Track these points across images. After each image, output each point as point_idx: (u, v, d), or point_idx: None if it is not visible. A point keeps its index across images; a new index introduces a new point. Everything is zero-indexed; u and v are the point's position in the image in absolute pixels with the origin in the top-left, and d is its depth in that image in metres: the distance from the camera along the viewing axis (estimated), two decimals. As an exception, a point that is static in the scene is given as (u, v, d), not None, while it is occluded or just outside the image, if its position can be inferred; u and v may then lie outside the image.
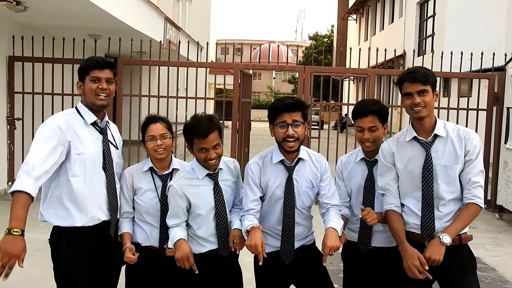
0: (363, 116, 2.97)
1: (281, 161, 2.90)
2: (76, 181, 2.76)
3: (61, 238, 2.79)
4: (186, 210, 2.86)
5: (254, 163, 2.94)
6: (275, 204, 2.91)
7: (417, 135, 2.80)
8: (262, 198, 2.93)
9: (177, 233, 2.81)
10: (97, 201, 2.82)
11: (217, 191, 2.88)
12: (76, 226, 2.76)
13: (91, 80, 2.81)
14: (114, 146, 2.98)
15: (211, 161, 2.80)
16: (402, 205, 2.88)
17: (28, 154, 2.63)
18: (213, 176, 2.89)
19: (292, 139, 2.79)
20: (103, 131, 2.91)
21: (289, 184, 2.88)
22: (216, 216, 2.88)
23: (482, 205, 2.74)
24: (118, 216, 2.95)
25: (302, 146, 2.94)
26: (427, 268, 2.65)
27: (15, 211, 2.43)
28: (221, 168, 2.93)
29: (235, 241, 2.83)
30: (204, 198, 2.86)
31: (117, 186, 2.97)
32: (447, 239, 2.63)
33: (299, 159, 2.92)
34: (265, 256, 2.65)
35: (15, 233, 2.40)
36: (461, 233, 2.73)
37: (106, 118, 2.98)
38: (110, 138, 2.97)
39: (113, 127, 3.10)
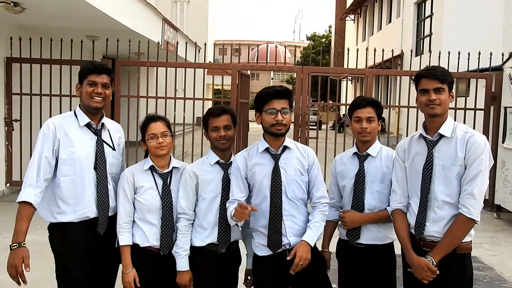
0: (362, 107, 3.05)
1: (267, 149, 2.93)
2: (65, 180, 2.92)
3: (54, 232, 2.96)
4: (195, 192, 2.99)
5: (239, 155, 3.01)
6: (265, 196, 2.90)
7: (424, 133, 2.81)
8: (249, 195, 2.96)
9: (181, 261, 2.94)
10: (86, 200, 2.94)
11: (225, 181, 3.00)
12: (64, 222, 2.91)
13: (88, 84, 2.97)
14: (110, 146, 3.07)
15: (221, 140, 2.98)
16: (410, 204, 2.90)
17: (30, 162, 2.89)
18: (224, 166, 3.02)
19: (280, 125, 2.86)
20: (97, 132, 3.02)
21: (276, 172, 2.90)
22: (221, 205, 2.97)
23: (472, 216, 2.61)
24: (109, 214, 3.02)
25: (288, 138, 2.99)
26: (437, 272, 2.67)
27: (16, 225, 2.78)
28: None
29: (249, 278, 3.14)
30: (211, 183, 2.99)
31: (110, 185, 3.05)
32: (433, 262, 2.65)
33: (285, 147, 2.96)
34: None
35: (13, 247, 2.74)
36: None
37: (104, 120, 3.08)
38: (107, 138, 3.07)
39: (113, 128, 3.19)
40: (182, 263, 2.93)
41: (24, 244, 2.76)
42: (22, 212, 2.79)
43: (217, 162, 3.02)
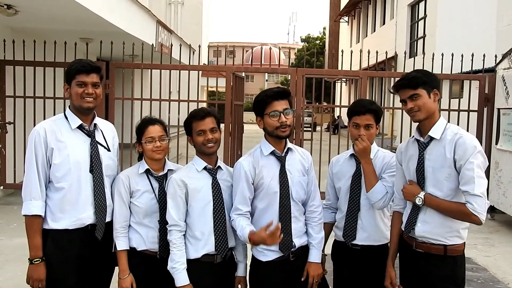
0: (361, 114, 3.03)
1: (272, 152, 2.91)
2: (61, 187, 2.82)
3: (47, 239, 2.83)
4: (185, 201, 2.86)
5: (245, 160, 2.92)
6: (273, 199, 2.88)
7: (417, 136, 2.83)
8: (256, 197, 2.91)
9: (180, 276, 2.78)
10: (82, 205, 2.85)
11: (215, 187, 2.90)
12: (59, 229, 2.81)
13: (77, 84, 2.84)
14: (105, 148, 2.98)
15: (209, 144, 2.88)
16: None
17: (25, 176, 2.82)
18: (212, 172, 2.93)
19: (285, 126, 2.83)
20: (90, 134, 2.92)
21: (283, 174, 2.89)
22: (214, 212, 2.87)
23: (476, 213, 2.55)
24: (107, 219, 2.94)
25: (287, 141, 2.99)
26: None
27: (31, 240, 2.79)
28: (220, 168, 2.98)
29: (240, 286, 3.00)
30: (201, 191, 2.88)
31: (107, 189, 2.97)
32: (419, 201, 2.73)
33: (288, 149, 2.95)
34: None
35: (36, 262, 2.78)
36: (447, 244, 2.71)
37: (96, 121, 2.99)
38: (101, 140, 2.98)
39: (107, 128, 3.10)
40: (181, 278, 2.77)
41: (44, 259, 2.80)
42: (34, 226, 2.78)
43: (205, 168, 2.92)
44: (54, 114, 2.94)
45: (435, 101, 2.77)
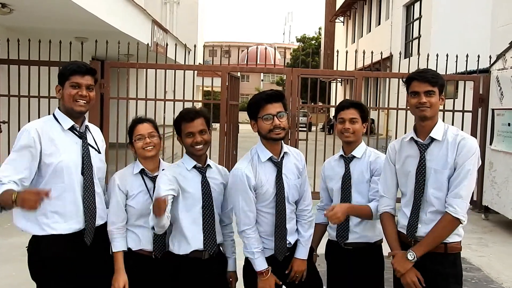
0: (345, 109, 3.10)
1: (270, 158, 2.90)
2: (54, 189, 2.66)
3: (40, 245, 2.74)
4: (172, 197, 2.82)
5: (247, 168, 2.87)
6: (269, 204, 2.89)
7: (414, 136, 2.82)
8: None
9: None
10: (72, 208, 2.76)
11: (205, 185, 2.90)
12: (53, 234, 2.72)
13: (71, 85, 2.78)
14: (95, 150, 2.92)
15: (198, 146, 2.86)
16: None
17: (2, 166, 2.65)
18: (201, 170, 2.93)
19: (279, 129, 2.82)
20: (82, 136, 2.86)
21: (279, 180, 2.89)
22: (203, 210, 2.88)
23: (458, 216, 2.64)
24: (100, 222, 2.89)
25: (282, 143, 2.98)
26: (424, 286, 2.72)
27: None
28: (209, 166, 2.97)
29: (231, 279, 3.01)
30: (190, 190, 2.88)
31: (98, 191, 2.90)
32: (411, 256, 2.68)
33: (284, 153, 2.95)
34: None
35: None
36: (447, 242, 2.72)
37: (86, 123, 2.94)
38: (91, 142, 2.92)
39: (95, 131, 3.05)
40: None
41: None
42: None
43: (194, 167, 2.92)
44: (49, 114, 2.89)
45: (441, 104, 2.81)
